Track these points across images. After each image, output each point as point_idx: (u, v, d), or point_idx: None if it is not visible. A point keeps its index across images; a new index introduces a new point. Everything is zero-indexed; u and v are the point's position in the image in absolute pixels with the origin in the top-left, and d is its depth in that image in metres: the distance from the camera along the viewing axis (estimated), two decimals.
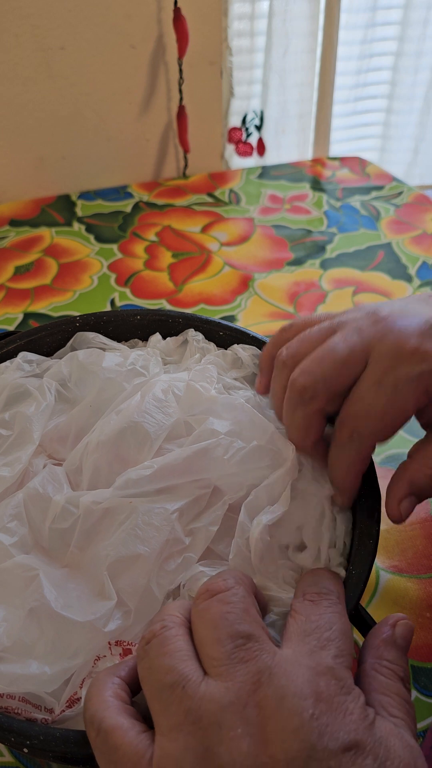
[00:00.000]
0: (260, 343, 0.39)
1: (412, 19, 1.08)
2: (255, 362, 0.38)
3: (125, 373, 0.36)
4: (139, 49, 0.83)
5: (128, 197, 0.88)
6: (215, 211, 0.85)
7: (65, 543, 0.30)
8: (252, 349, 0.39)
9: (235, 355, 0.39)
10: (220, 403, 0.34)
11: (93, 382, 0.36)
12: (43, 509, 0.31)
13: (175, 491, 0.31)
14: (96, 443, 0.33)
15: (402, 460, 0.34)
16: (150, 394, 0.34)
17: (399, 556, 0.44)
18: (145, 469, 0.31)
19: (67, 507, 0.30)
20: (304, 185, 0.91)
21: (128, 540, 0.29)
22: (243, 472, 0.31)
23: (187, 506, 0.30)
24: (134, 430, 0.32)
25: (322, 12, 0.92)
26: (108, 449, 0.32)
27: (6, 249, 0.77)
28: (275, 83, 0.97)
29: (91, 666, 0.27)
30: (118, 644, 0.27)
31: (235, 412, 0.33)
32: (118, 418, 0.33)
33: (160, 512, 0.29)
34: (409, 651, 0.27)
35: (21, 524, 0.31)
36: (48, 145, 0.87)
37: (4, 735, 0.25)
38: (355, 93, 1.15)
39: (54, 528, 0.30)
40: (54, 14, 0.77)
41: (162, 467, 0.31)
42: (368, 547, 0.30)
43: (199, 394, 0.34)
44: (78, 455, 0.33)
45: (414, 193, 0.87)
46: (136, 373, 0.37)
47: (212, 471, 0.31)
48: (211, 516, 0.30)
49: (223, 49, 0.89)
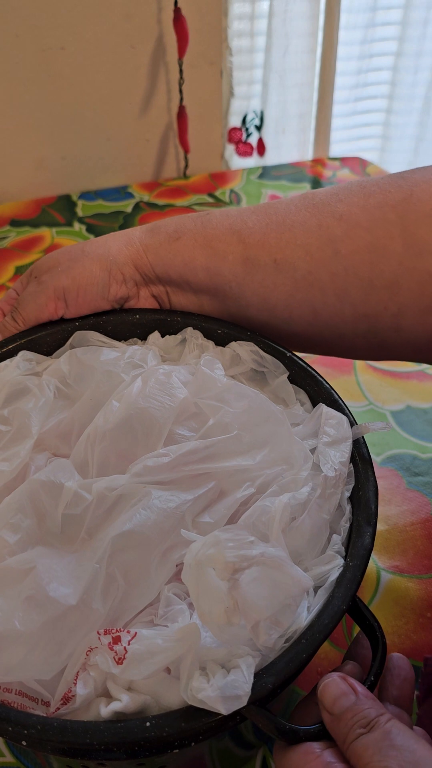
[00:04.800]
0: (257, 340, 0.39)
1: (412, 19, 1.08)
2: (253, 359, 0.38)
3: (123, 365, 0.36)
4: (139, 49, 0.83)
5: (129, 197, 0.88)
6: None
7: (77, 529, 0.30)
8: (249, 345, 0.39)
9: (234, 352, 0.39)
10: (233, 391, 0.33)
11: (92, 377, 0.36)
12: (55, 496, 0.31)
13: (189, 482, 0.31)
14: (101, 433, 0.32)
15: (402, 459, 0.34)
16: (152, 378, 0.34)
17: (400, 556, 0.44)
18: (163, 457, 0.31)
19: (80, 493, 0.30)
20: (305, 185, 0.91)
21: (136, 517, 0.29)
22: (256, 469, 0.31)
23: (198, 499, 0.30)
24: (140, 417, 0.32)
25: (322, 12, 0.92)
26: (114, 438, 0.32)
27: (7, 249, 0.77)
28: (275, 83, 0.97)
29: (84, 657, 0.27)
30: (107, 633, 0.27)
31: (248, 401, 0.33)
32: (122, 405, 0.33)
33: (173, 500, 0.30)
34: (410, 653, 0.27)
35: (26, 516, 0.30)
36: (48, 145, 0.87)
37: (2, 726, 0.24)
38: (355, 93, 1.14)
39: (66, 514, 0.30)
40: (54, 14, 0.77)
41: (179, 456, 0.31)
42: (365, 539, 0.30)
43: (212, 380, 0.34)
44: (82, 447, 0.33)
45: None
46: (134, 365, 0.37)
47: (227, 466, 0.31)
48: (219, 512, 0.31)
49: (223, 49, 0.89)
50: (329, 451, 0.32)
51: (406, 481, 0.48)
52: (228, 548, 0.25)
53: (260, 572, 0.26)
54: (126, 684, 0.26)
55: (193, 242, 0.39)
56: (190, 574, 0.26)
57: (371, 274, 0.36)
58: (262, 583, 0.26)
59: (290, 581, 0.26)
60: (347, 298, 0.37)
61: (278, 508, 0.29)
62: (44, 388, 0.36)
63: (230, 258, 0.38)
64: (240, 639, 0.26)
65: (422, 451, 0.51)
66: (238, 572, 0.25)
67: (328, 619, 0.27)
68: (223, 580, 0.25)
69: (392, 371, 0.59)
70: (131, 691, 0.26)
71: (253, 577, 0.25)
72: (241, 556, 0.25)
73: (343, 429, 0.33)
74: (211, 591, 0.25)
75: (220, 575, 0.25)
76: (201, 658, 0.25)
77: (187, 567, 0.26)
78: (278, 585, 0.26)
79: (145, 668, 0.25)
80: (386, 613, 0.41)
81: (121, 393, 0.34)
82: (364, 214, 0.36)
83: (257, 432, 0.33)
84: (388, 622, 0.40)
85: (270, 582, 0.26)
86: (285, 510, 0.29)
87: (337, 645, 0.39)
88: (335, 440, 0.33)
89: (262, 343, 0.38)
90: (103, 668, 0.26)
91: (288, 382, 0.37)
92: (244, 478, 0.31)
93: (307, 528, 0.30)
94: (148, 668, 0.25)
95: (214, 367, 0.35)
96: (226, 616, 0.25)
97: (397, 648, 0.39)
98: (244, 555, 0.25)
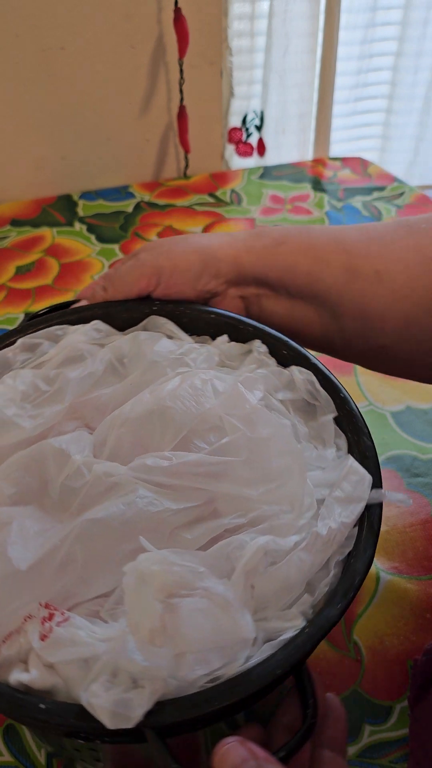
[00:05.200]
0: (318, 370, 0.37)
1: (412, 19, 1.08)
2: (308, 389, 0.37)
3: (172, 360, 0.37)
4: (139, 49, 0.83)
5: (129, 197, 0.88)
6: (216, 211, 0.85)
7: (71, 502, 0.31)
8: (308, 374, 0.37)
9: (291, 377, 0.37)
10: (260, 417, 0.32)
11: (141, 363, 0.37)
12: (60, 465, 0.31)
13: (183, 492, 0.31)
14: (124, 419, 0.33)
15: (402, 459, 0.34)
16: (189, 381, 0.34)
17: (399, 557, 0.44)
18: (164, 460, 0.31)
19: (82, 469, 0.31)
20: (306, 185, 0.91)
21: (112, 509, 0.29)
22: (255, 500, 0.31)
23: (184, 511, 0.30)
24: (161, 414, 0.32)
25: (322, 12, 0.92)
26: (133, 427, 0.33)
27: (7, 249, 0.77)
28: (275, 83, 0.97)
29: (21, 622, 0.27)
30: (47, 607, 0.27)
31: (271, 431, 0.32)
32: (150, 398, 0.33)
33: (156, 504, 0.29)
34: (409, 654, 0.27)
35: (28, 474, 0.31)
36: (48, 145, 0.87)
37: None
38: (356, 93, 1.15)
39: (65, 485, 0.31)
40: (54, 14, 0.77)
41: (180, 464, 0.30)
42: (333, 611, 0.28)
43: (243, 399, 0.33)
44: (105, 427, 0.34)
45: (415, 194, 0.87)
46: (182, 363, 0.37)
47: (225, 489, 0.31)
48: (200, 531, 0.30)
49: (223, 49, 0.89)
50: (336, 507, 0.30)
51: (405, 482, 0.48)
52: (171, 572, 0.25)
53: (205, 606, 0.25)
54: (48, 662, 0.26)
55: (297, 248, 0.40)
56: (130, 583, 0.26)
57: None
58: (203, 617, 0.25)
59: (231, 625, 0.25)
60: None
61: (251, 548, 0.28)
62: (97, 361, 0.37)
63: (333, 265, 0.39)
64: (165, 661, 0.25)
65: (422, 452, 0.51)
66: (173, 597, 0.25)
67: (257, 678, 0.25)
68: (156, 600, 0.25)
69: None
70: (49, 669, 0.26)
71: (197, 608, 0.25)
72: (182, 584, 0.25)
73: (361, 489, 0.31)
74: (144, 606, 0.25)
75: (154, 594, 0.25)
76: (118, 665, 0.25)
77: (129, 575, 0.26)
78: (219, 625, 0.25)
79: (61, 654, 0.26)
80: (385, 614, 0.41)
81: (157, 386, 0.34)
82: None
83: (269, 464, 0.31)
84: (387, 623, 0.40)
85: (212, 619, 0.25)
86: (258, 552, 0.28)
87: (337, 646, 0.40)
88: (348, 498, 0.31)
89: (321, 375, 0.37)
90: (30, 638, 0.26)
91: (333, 422, 0.35)
92: (239, 506, 0.31)
93: (280, 577, 0.28)
94: (63, 655, 0.26)
95: (253, 387, 0.35)
96: (150, 635, 0.24)
97: (396, 649, 0.39)
98: (186, 583, 0.25)
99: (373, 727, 0.36)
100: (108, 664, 0.25)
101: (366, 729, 0.36)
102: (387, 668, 0.38)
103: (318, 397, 0.36)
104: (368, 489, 0.31)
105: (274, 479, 0.31)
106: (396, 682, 0.38)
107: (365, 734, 0.36)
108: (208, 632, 0.25)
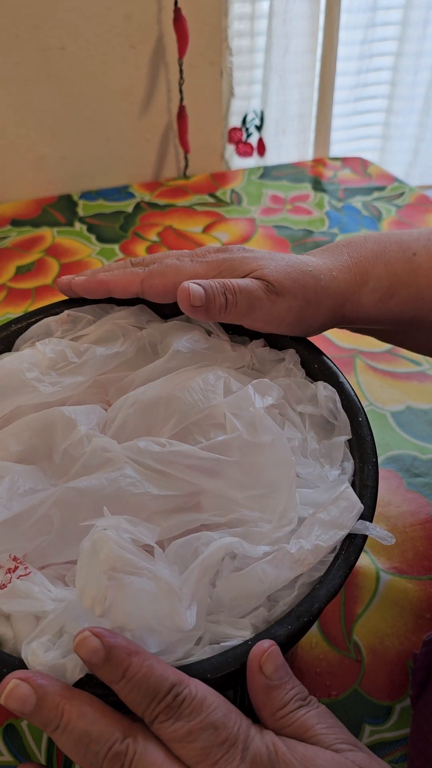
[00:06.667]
0: (344, 390, 0.36)
1: (412, 19, 1.08)
2: (329, 407, 0.36)
3: (198, 352, 0.38)
4: (139, 49, 0.83)
5: (130, 197, 0.89)
6: (217, 211, 0.85)
7: (69, 469, 0.32)
8: (333, 392, 0.36)
9: (315, 393, 0.37)
10: (263, 422, 0.32)
11: (168, 351, 0.38)
12: (66, 433, 0.32)
13: (170, 480, 0.31)
14: (134, 401, 0.34)
15: (402, 459, 0.34)
16: (203, 375, 0.34)
17: (399, 557, 0.44)
18: (156, 446, 0.31)
19: (84, 440, 0.32)
20: (306, 186, 0.91)
21: (94, 481, 0.30)
22: (238, 503, 0.31)
23: (165, 498, 0.30)
24: (168, 402, 0.33)
25: (322, 12, 0.92)
26: (140, 410, 0.34)
27: (7, 249, 0.77)
28: (275, 83, 0.97)
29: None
30: (14, 559, 0.28)
31: (271, 438, 0.32)
32: (162, 384, 0.34)
33: (138, 486, 0.30)
34: (409, 654, 0.27)
35: (35, 436, 0.33)
36: (48, 145, 0.87)
37: None
38: (356, 93, 1.15)
39: (67, 452, 0.32)
40: (54, 14, 0.77)
41: (171, 452, 0.31)
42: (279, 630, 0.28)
43: (250, 402, 0.33)
44: (118, 406, 0.35)
45: (416, 194, 0.87)
46: (206, 357, 0.38)
47: (211, 485, 0.31)
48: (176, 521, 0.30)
49: (223, 49, 0.89)
50: (316, 528, 0.29)
51: (405, 482, 0.48)
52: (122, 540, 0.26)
53: (150, 588, 0.26)
54: (3, 611, 0.28)
55: (407, 299, 0.39)
56: (85, 548, 0.27)
57: None
58: (146, 597, 0.26)
59: (170, 612, 0.26)
60: None
61: (213, 546, 0.28)
62: (128, 343, 0.38)
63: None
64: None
65: (422, 452, 0.51)
66: (116, 571, 0.25)
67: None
68: (100, 569, 0.25)
69: (393, 372, 0.59)
70: (5, 619, 0.28)
71: (141, 588, 0.25)
72: (126, 560, 0.26)
73: (347, 516, 0.30)
74: (92, 573, 0.26)
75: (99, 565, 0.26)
76: (65, 627, 0.26)
77: (88, 537, 0.27)
78: (158, 609, 0.26)
79: (12, 605, 0.27)
80: (385, 614, 0.41)
81: (174, 375, 0.35)
82: None
83: (261, 470, 0.31)
84: (387, 623, 0.40)
85: (153, 602, 0.26)
86: (219, 550, 0.28)
87: (337, 647, 0.40)
88: (332, 522, 0.29)
89: (345, 395, 0.36)
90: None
91: (345, 445, 0.34)
92: (222, 506, 0.31)
93: (239, 585, 0.28)
94: (14, 606, 0.27)
95: (265, 392, 0.34)
96: (92, 602, 0.25)
97: (396, 649, 0.39)
98: (130, 560, 0.26)
99: (373, 727, 0.36)
100: (54, 622, 0.26)
101: (366, 729, 0.36)
102: (387, 668, 0.38)
103: (337, 417, 0.36)
104: (355, 518, 0.30)
105: (262, 486, 0.31)
106: (396, 682, 0.38)
107: (365, 734, 0.36)
108: (148, 614, 0.26)
